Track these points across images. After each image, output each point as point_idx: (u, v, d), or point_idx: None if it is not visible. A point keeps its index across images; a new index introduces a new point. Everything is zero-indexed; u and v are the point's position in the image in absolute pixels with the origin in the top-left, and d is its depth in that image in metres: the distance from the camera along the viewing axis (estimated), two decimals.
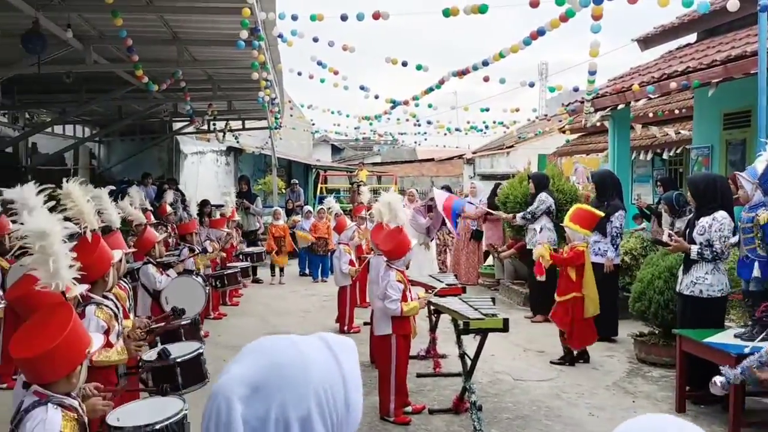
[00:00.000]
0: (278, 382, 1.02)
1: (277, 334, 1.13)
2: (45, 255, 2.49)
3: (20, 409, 2.23)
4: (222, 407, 1.01)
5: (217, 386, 1.03)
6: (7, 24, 8.21)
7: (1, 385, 6.00)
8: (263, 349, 1.08)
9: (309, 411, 1.02)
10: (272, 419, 1.00)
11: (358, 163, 24.54)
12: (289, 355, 1.06)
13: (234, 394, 1.01)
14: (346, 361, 1.09)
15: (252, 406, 1.01)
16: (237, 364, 1.06)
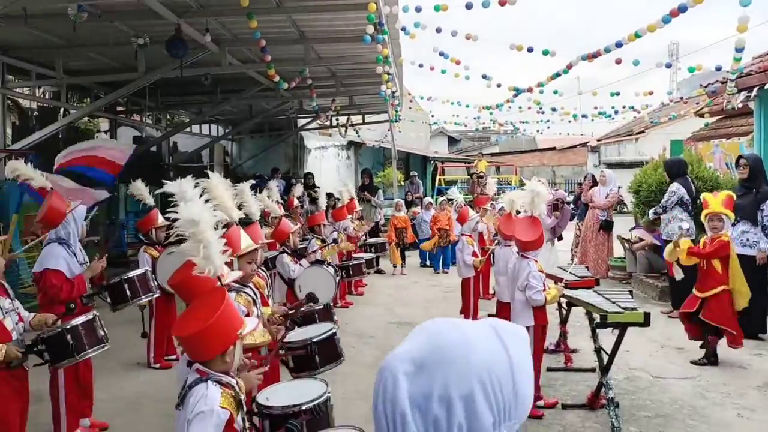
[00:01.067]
0: (441, 361, 1.04)
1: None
2: (196, 242, 2.67)
3: (185, 385, 2.41)
4: (389, 383, 1.04)
5: (385, 363, 1.07)
6: (153, 31, 8.89)
7: (154, 365, 6.55)
8: (428, 330, 1.11)
9: (472, 391, 1.03)
10: (436, 396, 1.02)
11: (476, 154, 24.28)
12: (453, 336, 1.08)
13: (399, 371, 1.04)
14: (515, 350, 1.09)
15: (416, 382, 1.03)
16: (405, 343, 1.10)
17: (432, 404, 1.02)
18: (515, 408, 1.07)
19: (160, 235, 6.54)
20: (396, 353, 1.08)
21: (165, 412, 5.25)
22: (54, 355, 3.93)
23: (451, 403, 1.02)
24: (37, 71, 11.25)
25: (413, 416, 1.02)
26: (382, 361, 1.09)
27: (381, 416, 1.05)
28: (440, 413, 1.02)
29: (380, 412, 1.05)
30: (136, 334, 6.52)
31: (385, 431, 1.05)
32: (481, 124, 21.27)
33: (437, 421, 1.02)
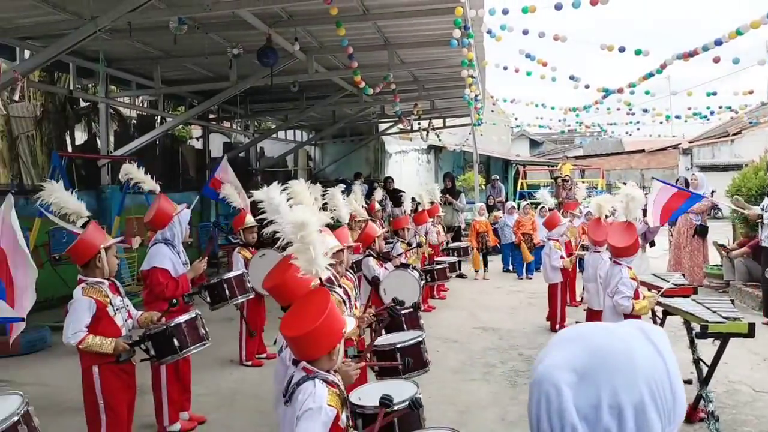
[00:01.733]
0: (605, 368, 1.01)
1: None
2: (305, 244, 2.76)
3: (291, 382, 2.50)
4: (552, 394, 1.01)
5: (542, 374, 1.04)
6: (246, 42, 9.25)
7: (246, 363, 6.79)
8: (582, 336, 1.07)
9: (642, 398, 0.99)
10: (605, 405, 0.99)
11: (561, 157, 23.69)
12: (611, 342, 1.05)
13: (562, 381, 1.01)
14: (667, 352, 1.06)
15: (581, 392, 1.00)
16: (555, 351, 1.06)
17: (602, 414, 0.99)
18: (674, 411, 1.04)
19: (248, 236, 6.79)
20: (551, 363, 1.04)
21: (257, 409, 5.45)
22: (159, 352, 4.15)
23: (623, 412, 0.99)
24: (137, 81, 11.93)
25: (582, 428, 0.99)
26: (535, 374, 1.05)
27: (545, 428, 1.02)
28: (611, 423, 0.99)
29: (544, 426, 1.02)
30: (230, 331, 6.80)
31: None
32: (567, 126, 20.70)
33: (608, 430, 0.99)
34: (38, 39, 8.93)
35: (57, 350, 7.38)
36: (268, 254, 6.42)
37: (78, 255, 3.88)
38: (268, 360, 6.89)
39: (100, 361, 3.81)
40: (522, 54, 9.91)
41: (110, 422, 3.93)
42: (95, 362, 3.82)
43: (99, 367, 3.83)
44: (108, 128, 11.47)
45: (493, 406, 5.49)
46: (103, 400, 3.87)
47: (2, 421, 2.59)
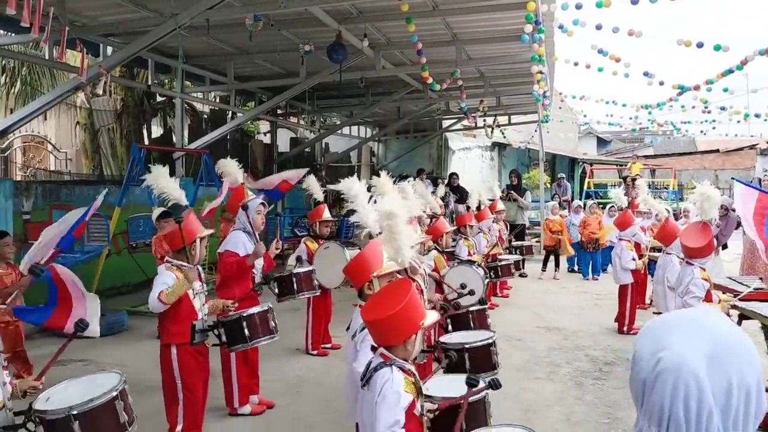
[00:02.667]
0: (729, 353, 1.04)
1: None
2: (392, 233, 2.83)
3: (369, 367, 2.56)
4: (692, 383, 1.03)
5: (677, 365, 1.05)
6: (316, 38, 9.42)
7: (312, 352, 6.94)
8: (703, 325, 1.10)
9: (760, 378, 1.03)
10: (735, 387, 1.02)
11: (631, 156, 22.99)
12: (728, 328, 1.08)
13: (699, 369, 1.03)
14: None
15: (714, 378, 1.03)
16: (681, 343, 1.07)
17: (732, 396, 1.03)
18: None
19: (323, 229, 6.93)
20: (683, 354, 1.06)
21: (322, 397, 5.57)
22: (230, 339, 4.33)
23: (749, 392, 1.03)
24: (211, 77, 12.33)
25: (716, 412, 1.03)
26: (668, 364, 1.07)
27: (680, 418, 1.05)
28: (739, 405, 1.03)
29: (680, 413, 1.05)
30: (296, 321, 6.96)
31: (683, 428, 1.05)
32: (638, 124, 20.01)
33: (737, 413, 1.03)
34: (119, 36, 9.35)
35: (134, 333, 7.75)
36: (332, 247, 6.54)
37: (174, 241, 4.07)
38: (333, 350, 7.03)
39: (178, 342, 4.00)
40: (594, 49, 9.68)
41: (187, 401, 4.12)
42: (173, 342, 4.00)
43: (177, 347, 4.01)
44: (183, 122, 11.91)
45: (558, 405, 5.43)
46: (180, 380, 4.06)
47: (103, 395, 2.78)
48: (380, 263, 3.31)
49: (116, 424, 2.80)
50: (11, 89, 11.82)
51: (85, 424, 2.68)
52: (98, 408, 2.74)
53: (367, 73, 11.22)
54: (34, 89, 11.53)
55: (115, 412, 2.80)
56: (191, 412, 4.16)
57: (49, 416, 2.68)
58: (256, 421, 5.09)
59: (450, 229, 6.56)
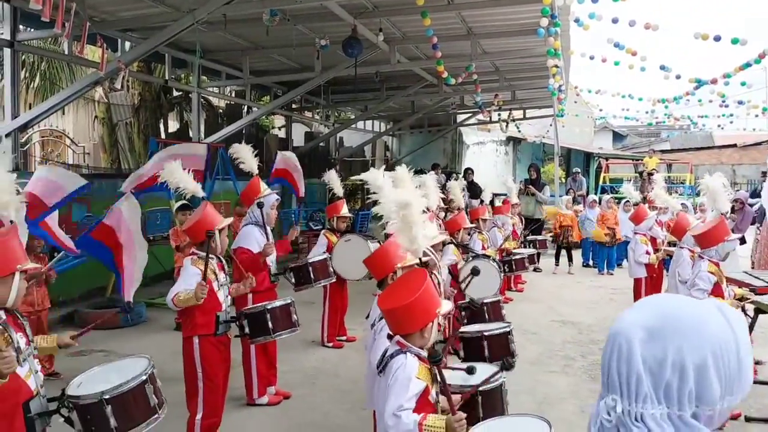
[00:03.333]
0: (674, 330, 1.12)
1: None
2: (407, 223, 2.87)
3: (385, 354, 2.62)
4: (623, 346, 1.14)
5: (617, 329, 1.17)
6: (331, 33, 9.45)
7: (327, 344, 7.01)
8: (658, 303, 1.20)
9: (705, 361, 1.10)
10: (669, 361, 1.10)
11: (648, 150, 22.81)
12: (684, 309, 1.16)
13: (634, 337, 1.14)
14: (739, 329, 1.15)
15: (649, 348, 1.12)
16: (632, 313, 1.19)
17: (665, 370, 1.11)
18: (738, 383, 1.13)
19: (340, 224, 6.99)
20: (626, 321, 1.17)
21: (339, 388, 5.64)
22: (253, 331, 4.41)
23: (685, 370, 1.10)
24: (227, 72, 12.41)
25: (646, 379, 1.12)
26: (611, 329, 1.19)
27: (615, 375, 1.15)
28: (672, 379, 1.11)
29: (614, 371, 1.15)
30: (312, 314, 7.03)
31: (617, 389, 1.15)
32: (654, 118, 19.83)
33: (669, 386, 1.11)
34: (137, 31, 9.45)
35: (153, 325, 7.87)
36: (353, 239, 6.60)
37: (194, 233, 4.13)
38: (348, 342, 7.09)
39: (200, 333, 4.07)
40: (610, 43, 9.63)
41: (207, 391, 4.18)
42: (196, 333, 4.08)
43: (199, 338, 4.08)
44: (199, 117, 12.01)
45: (572, 398, 5.46)
46: (201, 370, 4.13)
47: (133, 379, 2.86)
48: (403, 257, 3.36)
49: (147, 407, 2.89)
50: (30, 84, 11.98)
51: (117, 407, 2.76)
52: (129, 392, 2.83)
53: (382, 67, 11.24)
54: (53, 84, 11.69)
55: (146, 396, 2.89)
56: (211, 401, 4.22)
57: (82, 401, 2.76)
58: (273, 410, 5.17)
59: (468, 225, 6.58)
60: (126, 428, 2.81)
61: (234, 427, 4.67)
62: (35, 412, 2.74)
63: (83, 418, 2.78)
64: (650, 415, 1.12)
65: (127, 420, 2.80)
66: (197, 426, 4.19)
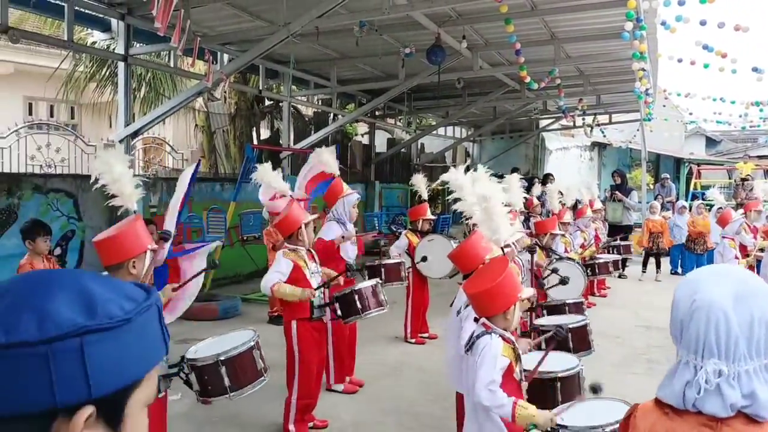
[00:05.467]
0: (752, 293, 1.33)
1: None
2: (489, 214, 3.12)
3: (472, 335, 2.86)
4: (721, 317, 1.32)
5: (707, 303, 1.33)
6: (415, 41, 9.77)
7: (410, 340, 7.28)
8: (726, 272, 1.41)
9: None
10: (756, 320, 1.31)
11: (742, 156, 21.81)
12: (746, 275, 1.39)
13: (727, 305, 1.32)
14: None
15: (739, 311, 1.32)
16: (714, 286, 1.36)
17: (754, 327, 1.31)
18: None
19: (424, 225, 7.26)
20: (713, 293, 1.34)
21: (422, 380, 5.90)
22: (344, 311, 4.75)
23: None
24: (315, 81, 12.98)
25: (741, 340, 1.31)
26: (701, 303, 1.34)
27: (713, 344, 1.32)
28: (761, 334, 1.31)
29: (711, 338, 1.32)
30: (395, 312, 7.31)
31: (716, 353, 1.32)
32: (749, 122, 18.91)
33: (758, 341, 1.31)
34: (234, 44, 10.12)
35: (247, 318, 8.40)
36: (436, 239, 6.86)
37: (284, 228, 4.54)
38: (430, 339, 7.34)
39: (298, 317, 4.45)
40: (699, 45, 9.42)
41: (302, 374, 4.52)
42: (294, 317, 4.46)
43: (297, 322, 4.46)
44: (289, 124, 12.63)
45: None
46: (298, 353, 4.50)
47: (243, 344, 3.27)
48: (489, 249, 3.58)
49: (255, 370, 3.30)
50: (137, 94, 12.98)
51: (231, 368, 3.18)
52: (241, 355, 3.25)
53: (464, 73, 11.46)
54: (157, 94, 12.64)
55: (254, 359, 3.31)
56: (305, 383, 4.56)
57: (200, 363, 3.19)
58: (359, 396, 5.50)
59: (558, 231, 6.68)
60: (238, 387, 3.23)
61: (326, 409, 5.01)
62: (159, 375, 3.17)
63: (201, 379, 3.20)
64: (745, 372, 1.30)
65: (239, 380, 3.22)
66: (293, 406, 4.56)
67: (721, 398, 1.30)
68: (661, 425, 1.39)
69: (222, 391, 3.21)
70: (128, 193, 3.70)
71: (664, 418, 1.38)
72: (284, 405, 4.57)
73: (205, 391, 3.22)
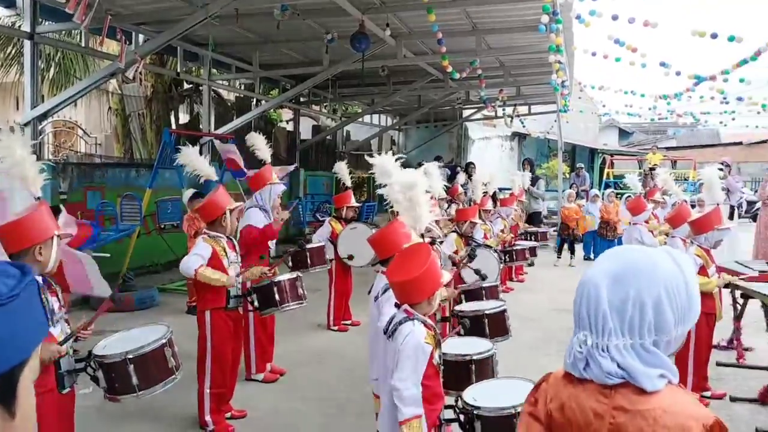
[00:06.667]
0: (633, 273, 1.38)
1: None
2: (412, 203, 3.13)
3: (392, 322, 2.87)
4: (591, 291, 1.40)
5: (586, 278, 1.43)
6: (339, 27, 9.70)
7: (333, 328, 7.28)
8: (619, 253, 1.46)
9: (660, 295, 1.35)
10: (630, 299, 1.36)
11: (651, 147, 23.00)
12: (641, 256, 1.41)
13: (600, 282, 1.40)
14: (686, 268, 1.42)
15: (614, 291, 1.38)
16: (598, 264, 1.45)
17: (627, 307, 1.36)
18: (689, 312, 1.39)
19: (349, 213, 7.25)
20: (594, 271, 1.43)
21: (344, 367, 5.91)
22: (262, 303, 4.68)
23: (644, 307, 1.36)
24: (236, 65, 12.67)
25: (611, 316, 1.37)
26: (582, 278, 1.44)
27: (584, 314, 1.41)
28: (635, 314, 1.36)
29: (583, 313, 1.42)
30: (318, 299, 7.30)
31: (587, 326, 1.41)
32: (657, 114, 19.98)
33: (632, 320, 1.36)
34: (151, 24, 9.71)
35: (165, 308, 8.16)
36: (359, 227, 6.86)
37: (206, 213, 4.42)
38: (353, 326, 7.37)
39: (212, 307, 4.35)
40: (611, 40, 9.84)
41: (214, 363, 4.43)
42: (208, 306, 4.36)
43: (211, 312, 4.36)
44: (210, 109, 12.29)
45: None
46: (210, 343, 4.40)
47: (153, 341, 3.15)
48: (408, 237, 3.59)
49: (166, 368, 3.18)
50: (45, 75, 12.28)
51: (139, 366, 3.05)
52: (150, 352, 3.12)
53: (388, 61, 11.48)
54: (68, 75, 11.99)
55: (165, 357, 3.18)
56: (218, 373, 4.45)
57: (107, 360, 3.05)
58: (280, 384, 5.46)
59: (477, 220, 6.81)
60: (147, 386, 3.10)
61: (245, 399, 4.94)
62: (64, 369, 3.03)
63: (108, 376, 3.07)
64: (614, 346, 1.37)
65: (147, 378, 3.10)
66: (206, 396, 4.46)
67: (600, 367, 1.37)
68: (565, 392, 1.47)
69: (130, 390, 3.09)
70: (31, 178, 3.51)
71: (570, 386, 1.47)
72: (197, 396, 4.47)
73: (112, 388, 3.10)
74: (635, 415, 1.35)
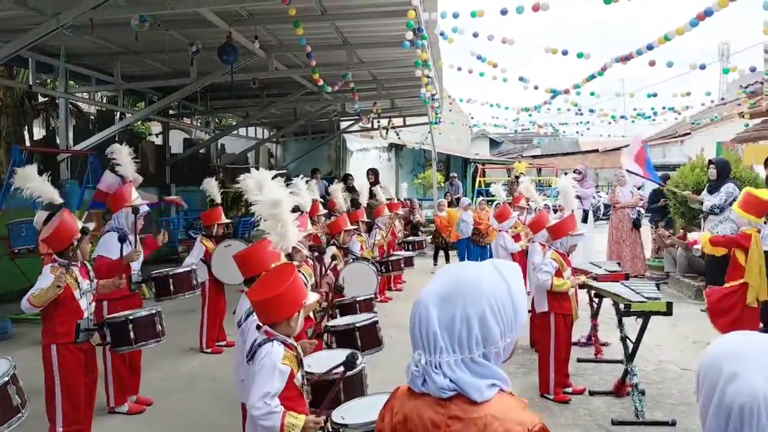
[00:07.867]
0: (459, 291, 1.44)
1: None
2: (276, 221, 3.07)
3: (254, 344, 2.80)
4: (422, 312, 1.46)
5: (418, 299, 1.49)
6: (206, 39, 9.44)
7: (206, 350, 7.01)
8: (449, 272, 1.52)
9: (484, 311, 1.42)
10: (458, 317, 1.42)
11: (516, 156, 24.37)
12: (466, 273, 1.48)
13: (430, 303, 1.46)
14: (512, 279, 1.49)
15: (443, 309, 1.43)
16: (430, 284, 1.51)
17: (455, 324, 1.41)
18: (515, 322, 1.47)
19: (219, 230, 7.01)
20: (426, 291, 1.49)
21: (216, 390, 5.70)
22: (115, 340, 4.31)
23: (470, 322, 1.41)
24: (97, 77, 11.96)
25: (442, 335, 1.42)
26: (416, 300, 1.49)
27: (417, 337, 1.47)
28: (462, 330, 1.41)
29: (417, 334, 1.47)
30: (191, 321, 7.01)
31: (421, 345, 1.46)
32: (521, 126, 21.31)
33: (460, 337, 1.41)
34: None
35: (19, 340, 7.50)
36: (234, 245, 6.64)
37: (56, 242, 4.07)
38: (228, 347, 7.13)
39: (59, 341, 4.02)
40: (473, 55, 10.34)
41: (66, 400, 4.10)
42: (54, 341, 4.02)
43: (57, 346, 4.03)
44: (67, 123, 11.49)
45: None
46: (59, 378, 4.06)
47: None
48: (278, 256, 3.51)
49: (10, 407, 2.89)
50: None
51: None
52: None
53: (259, 74, 11.33)
54: None
55: (8, 396, 2.89)
56: (70, 410, 4.13)
57: None
58: (148, 415, 5.16)
59: (350, 227, 6.83)
60: None
61: None
62: None
63: None
64: (446, 363, 1.42)
65: None
66: None
67: (434, 383, 1.44)
68: (409, 404, 1.53)
69: None
70: None
71: (413, 399, 1.52)
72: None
73: None
74: (468, 423, 1.42)
